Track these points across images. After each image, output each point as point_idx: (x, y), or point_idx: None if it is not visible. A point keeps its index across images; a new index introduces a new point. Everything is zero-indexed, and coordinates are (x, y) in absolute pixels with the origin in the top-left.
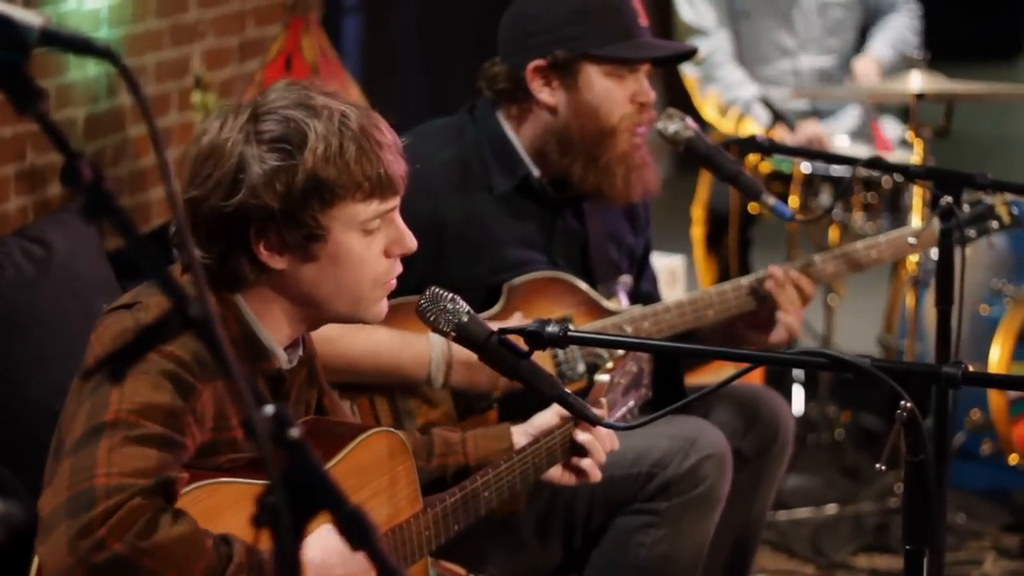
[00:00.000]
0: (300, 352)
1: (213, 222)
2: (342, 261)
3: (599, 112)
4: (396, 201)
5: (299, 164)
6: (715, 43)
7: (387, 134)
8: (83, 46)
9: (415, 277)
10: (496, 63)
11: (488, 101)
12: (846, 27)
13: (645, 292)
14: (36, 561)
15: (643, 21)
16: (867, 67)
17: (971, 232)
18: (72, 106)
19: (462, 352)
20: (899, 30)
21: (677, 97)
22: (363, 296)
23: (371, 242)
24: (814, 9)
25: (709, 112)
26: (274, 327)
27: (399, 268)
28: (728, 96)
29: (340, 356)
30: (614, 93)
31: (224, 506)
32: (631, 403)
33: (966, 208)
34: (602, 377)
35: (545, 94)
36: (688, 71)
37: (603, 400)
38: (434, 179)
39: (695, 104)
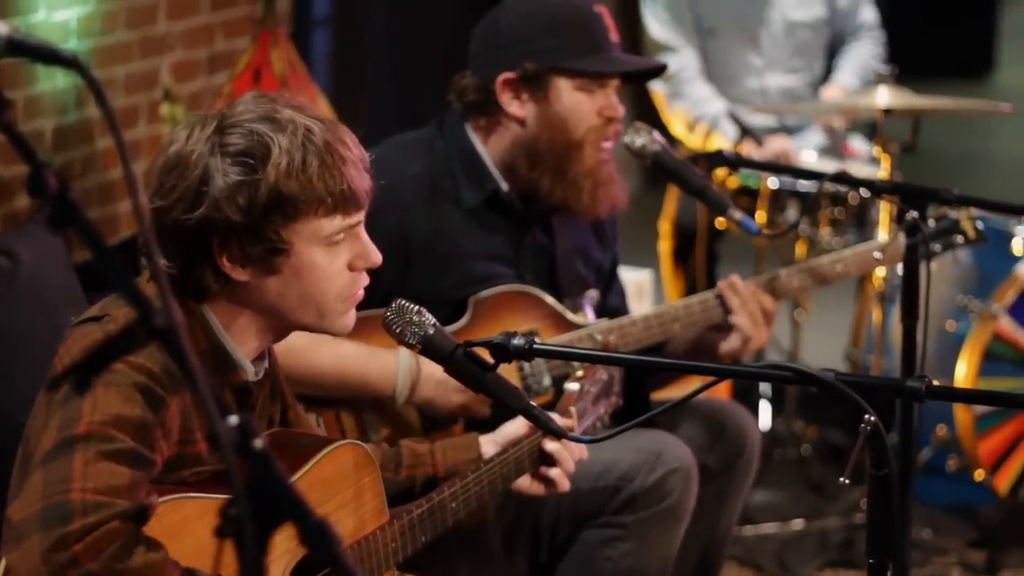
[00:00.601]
0: (266, 365)
1: (177, 233)
2: (305, 274)
3: (567, 125)
4: (360, 216)
5: (262, 179)
6: (683, 60)
7: (353, 149)
8: (49, 55)
9: (382, 290)
10: (466, 75)
11: (457, 114)
12: (813, 48)
13: (613, 306)
14: (3, 567)
15: (614, 36)
16: (835, 95)
17: (936, 247)
18: (40, 118)
19: (429, 369)
20: (864, 58)
21: (646, 113)
22: (328, 308)
23: (335, 256)
24: (781, 30)
25: (677, 128)
26: (241, 339)
27: (365, 281)
28: (696, 112)
29: (305, 368)
30: (583, 106)
31: (189, 520)
32: (601, 411)
33: (932, 223)
34: (572, 386)
35: (514, 107)
36: (656, 87)
37: (573, 409)
38: (403, 192)
39: (663, 120)
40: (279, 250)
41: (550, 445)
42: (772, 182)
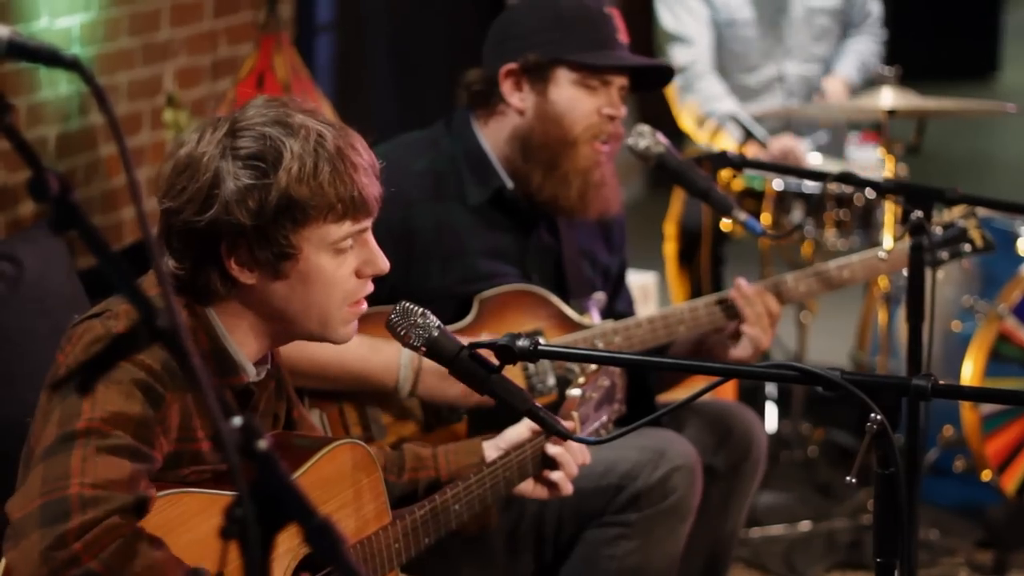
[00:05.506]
0: (268, 366)
1: (186, 235)
2: (312, 280)
3: (563, 120)
4: (369, 222)
5: (272, 183)
6: (696, 52)
7: (364, 155)
8: (50, 57)
9: (386, 286)
10: (475, 70)
11: (465, 113)
12: (831, 35)
13: (620, 312)
14: (3, 566)
15: (623, 38)
16: (836, 87)
17: (943, 254)
18: (43, 125)
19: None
20: (864, 55)
21: (649, 116)
22: (332, 315)
23: (342, 262)
24: (801, 16)
25: (686, 122)
26: (243, 341)
27: (369, 288)
28: (705, 108)
29: (308, 360)
30: (581, 103)
31: (188, 515)
32: (604, 418)
33: (939, 231)
34: (574, 391)
35: (516, 98)
36: None
37: (575, 414)
38: (408, 188)
39: (673, 113)
40: (287, 255)
41: (553, 449)
42: (777, 184)
